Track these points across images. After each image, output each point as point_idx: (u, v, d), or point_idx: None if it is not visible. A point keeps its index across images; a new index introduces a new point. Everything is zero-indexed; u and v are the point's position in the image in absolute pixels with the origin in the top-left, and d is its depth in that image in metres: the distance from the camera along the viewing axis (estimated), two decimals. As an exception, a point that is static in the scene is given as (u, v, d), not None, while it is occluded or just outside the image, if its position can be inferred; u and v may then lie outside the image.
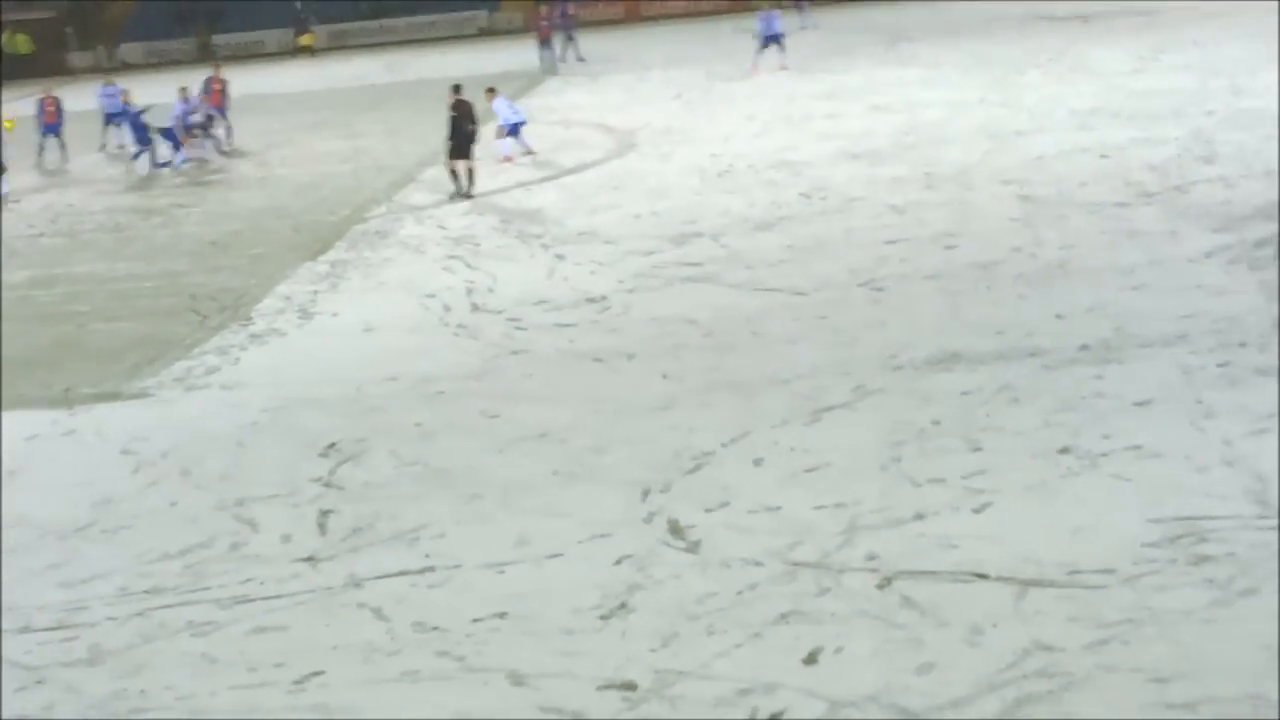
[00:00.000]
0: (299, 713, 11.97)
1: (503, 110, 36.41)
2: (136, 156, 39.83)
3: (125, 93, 40.98)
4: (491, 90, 36.50)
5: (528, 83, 50.35)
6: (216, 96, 42.35)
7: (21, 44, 68.89)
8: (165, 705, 12.24)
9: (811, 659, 12.03)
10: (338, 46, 67.94)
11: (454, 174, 32.32)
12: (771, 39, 48.80)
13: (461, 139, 32.35)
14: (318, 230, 30.44)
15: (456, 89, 34.05)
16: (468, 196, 31.99)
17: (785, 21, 51.17)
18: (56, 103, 41.44)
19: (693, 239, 26.56)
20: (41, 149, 41.94)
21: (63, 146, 41.43)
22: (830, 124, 36.94)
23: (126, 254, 29.90)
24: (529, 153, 36.22)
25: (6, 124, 38.21)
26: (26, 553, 15.65)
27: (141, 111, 39.69)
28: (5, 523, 16.42)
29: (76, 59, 67.24)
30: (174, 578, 14.67)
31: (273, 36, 68.52)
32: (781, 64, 48.38)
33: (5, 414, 20.10)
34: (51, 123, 40.97)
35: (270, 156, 40.46)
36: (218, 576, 14.60)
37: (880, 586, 13.06)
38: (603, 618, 13.14)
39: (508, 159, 35.62)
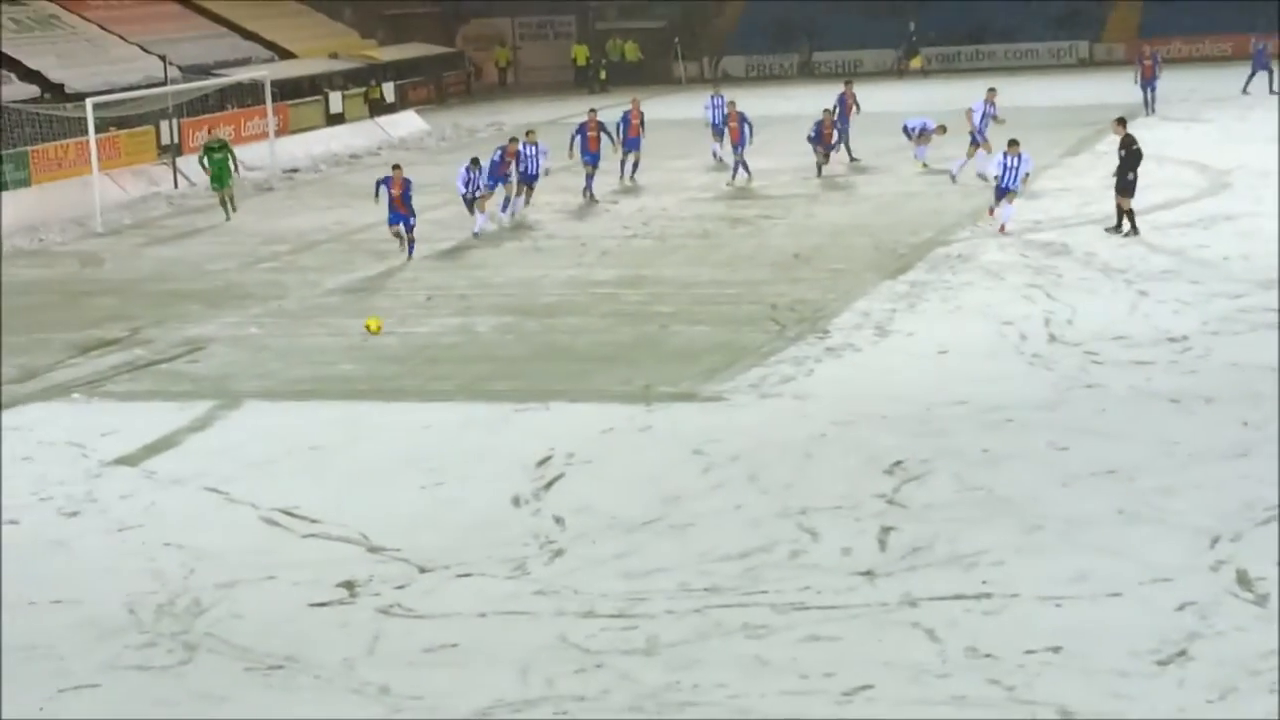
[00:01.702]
0: (844, 723, 12.10)
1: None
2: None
3: (731, 104, 41.53)
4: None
5: (1127, 114, 49.21)
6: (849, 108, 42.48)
7: (629, 51, 71.65)
8: (715, 702, 12.55)
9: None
10: (940, 70, 68.05)
11: (1120, 210, 30.92)
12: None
13: (1130, 175, 30.85)
14: (898, 250, 30.60)
15: (1121, 122, 32.44)
16: (1130, 233, 30.41)
17: None
18: (640, 115, 42.02)
19: (1285, 284, 25.60)
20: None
21: (635, 163, 41.83)
22: None
23: (711, 260, 30.71)
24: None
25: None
26: (594, 541, 16.28)
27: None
28: (575, 509, 17.10)
29: (681, 69, 69.35)
30: (733, 579, 15.01)
31: (870, 56, 69.10)
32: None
33: (584, 405, 20.93)
34: (634, 136, 41.20)
35: (858, 174, 40.83)
36: (775, 582, 14.87)
37: None
38: (1160, 663, 12.81)
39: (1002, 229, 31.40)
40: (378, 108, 59.06)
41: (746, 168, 40.07)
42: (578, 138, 39.19)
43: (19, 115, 42.63)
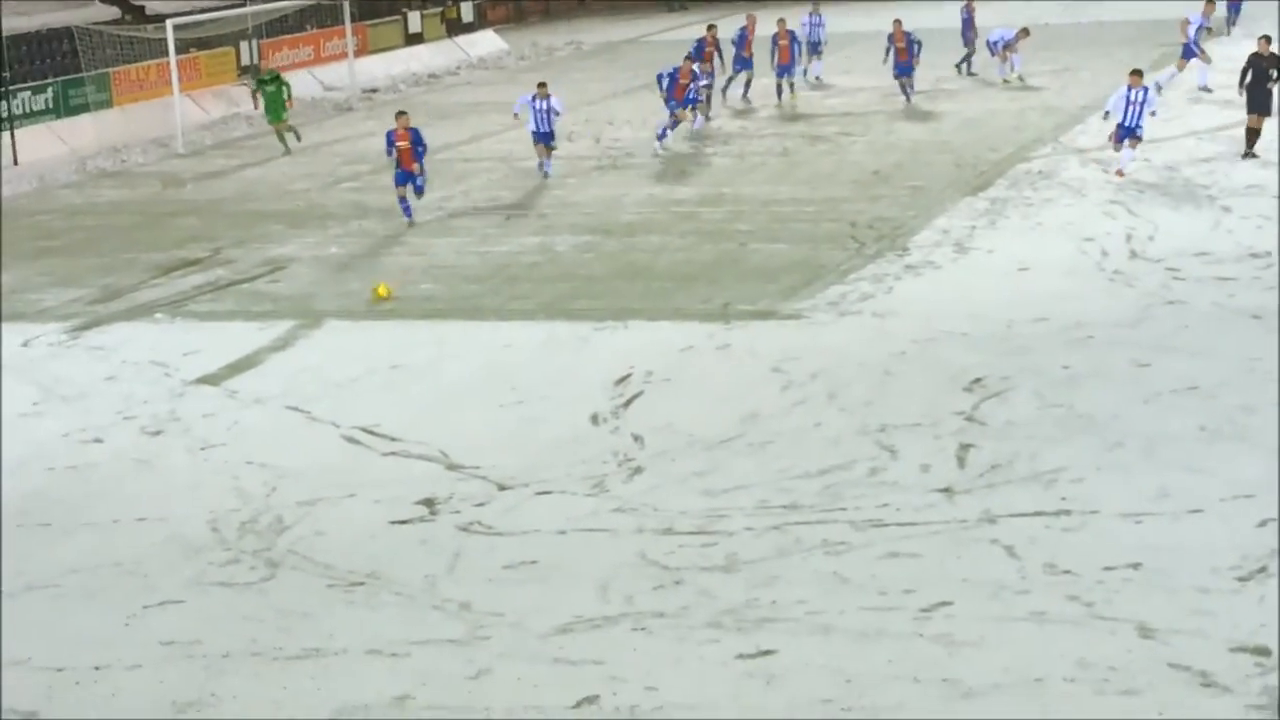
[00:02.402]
0: (924, 640, 12.10)
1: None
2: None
3: (780, 21, 40.70)
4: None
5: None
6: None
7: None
8: (794, 618, 12.59)
9: None
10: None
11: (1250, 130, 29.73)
12: None
13: (1261, 93, 29.63)
14: (979, 166, 30.39)
15: (1267, 39, 30.81)
16: (1250, 155, 29.36)
17: None
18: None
19: (1373, 200, 25.30)
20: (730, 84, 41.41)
21: (748, 82, 41.27)
22: None
23: (791, 178, 30.59)
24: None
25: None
26: (673, 459, 16.31)
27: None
28: (654, 427, 17.14)
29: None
30: (812, 496, 15.03)
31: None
32: None
33: (663, 324, 20.93)
34: (748, 56, 40.45)
35: (939, 91, 40.47)
36: (854, 499, 14.89)
37: None
38: (1240, 579, 12.76)
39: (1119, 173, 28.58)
40: (456, 27, 58.92)
41: (780, 91, 40.04)
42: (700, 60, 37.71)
43: (100, 37, 42.72)
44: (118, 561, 14.44)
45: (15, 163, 36.88)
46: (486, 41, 57.21)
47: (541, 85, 31.86)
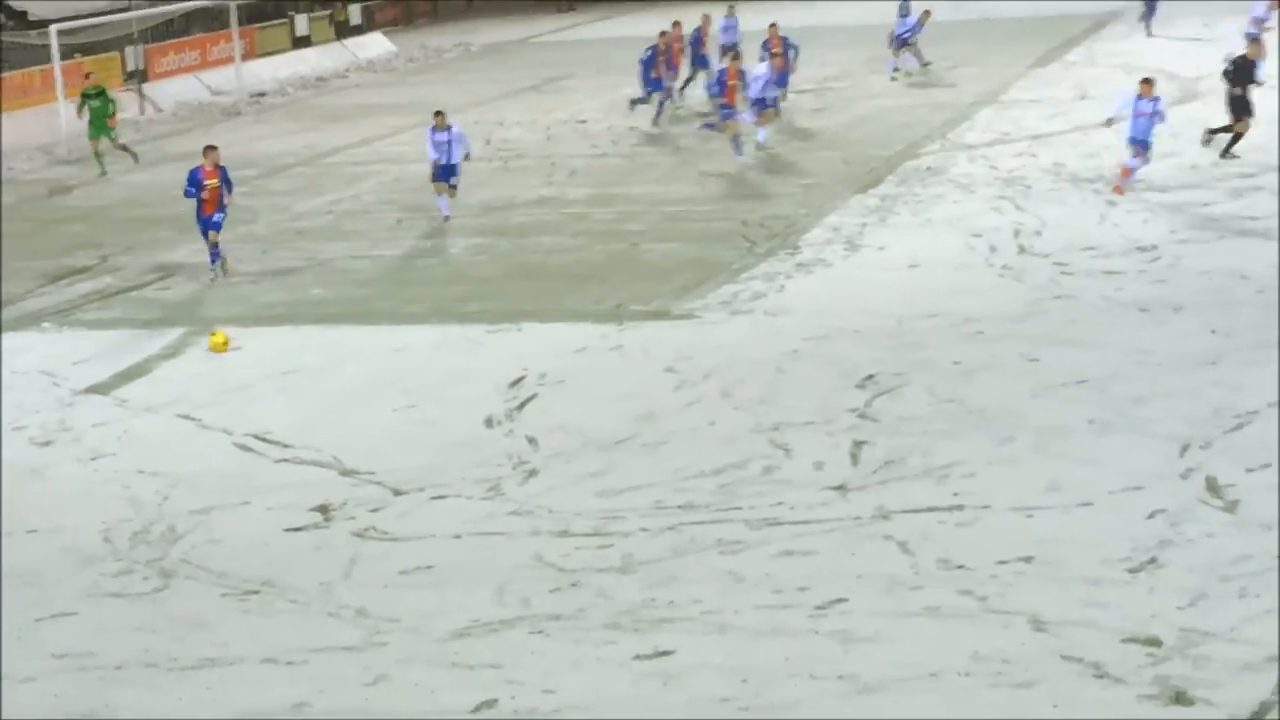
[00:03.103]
0: (820, 637, 12.17)
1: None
2: None
3: (772, 26, 39.55)
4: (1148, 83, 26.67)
5: (1093, 25, 49.22)
6: None
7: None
8: (691, 618, 12.61)
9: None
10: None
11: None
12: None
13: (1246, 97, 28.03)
14: (869, 164, 30.57)
15: (1255, 40, 29.90)
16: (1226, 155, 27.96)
17: None
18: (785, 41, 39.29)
19: (1251, 193, 25.62)
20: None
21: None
22: None
23: (682, 177, 30.63)
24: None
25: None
26: (568, 461, 16.31)
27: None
28: (549, 429, 17.13)
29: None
30: (707, 495, 15.07)
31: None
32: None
33: (557, 325, 20.92)
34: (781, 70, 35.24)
35: (829, 89, 40.68)
36: (750, 498, 14.94)
37: None
38: (1131, 571, 12.91)
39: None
40: (344, 29, 58.61)
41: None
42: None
43: (-16, 43, 42.26)
44: (9, 573, 14.25)
45: (-103, 171, 36.37)
46: (375, 44, 56.95)
47: (438, 114, 27.97)
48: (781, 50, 35.57)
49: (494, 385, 18.63)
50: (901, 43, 41.27)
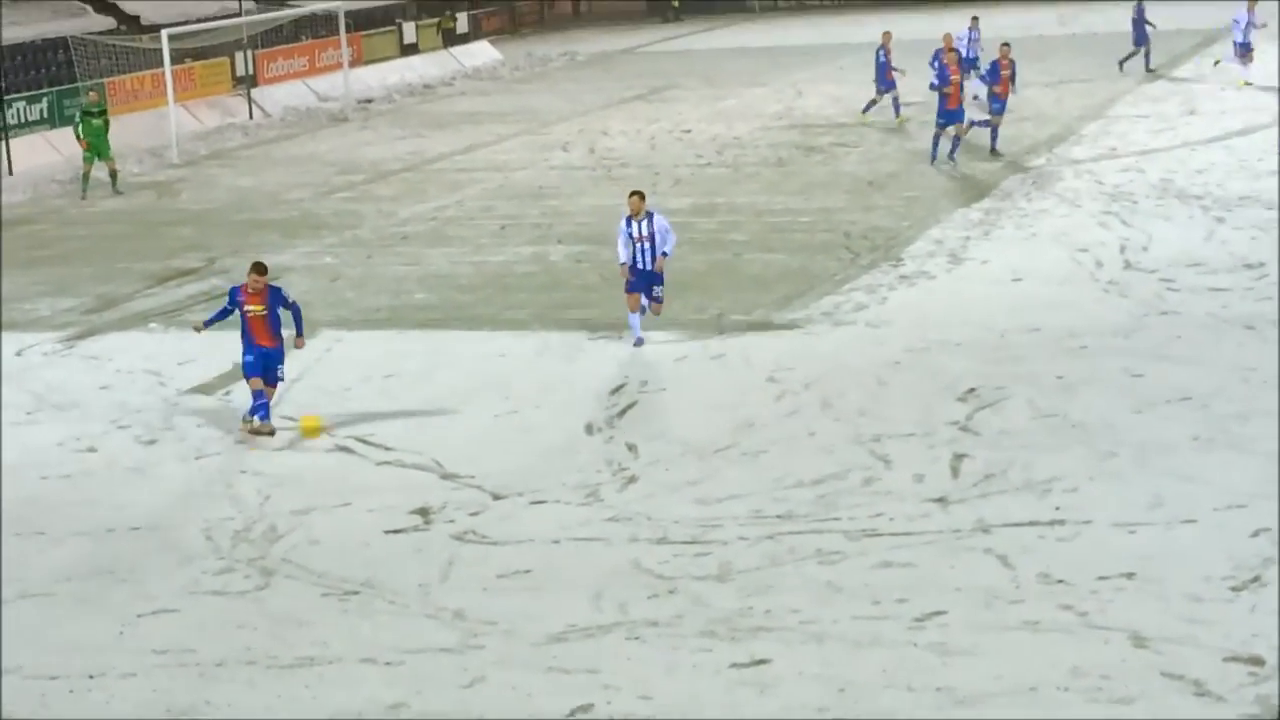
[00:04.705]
0: (917, 648, 12.10)
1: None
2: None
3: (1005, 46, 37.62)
4: None
5: (1203, 40, 48.70)
6: None
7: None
8: (788, 627, 12.57)
9: None
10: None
11: None
12: None
13: None
14: (974, 177, 30.40)
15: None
16: None
17: None
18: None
19: (1365, 211, 25.35)
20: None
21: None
22: None
23: (786, 188, 30.61)
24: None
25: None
26: (667, 468, 16.31)
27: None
28: (648, 436, 17.14)
29: (753, -2, 69.10)
30: (806, 505, 15.03)
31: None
32: None
33: (658, 333, 20.89)
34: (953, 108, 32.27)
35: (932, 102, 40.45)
36: (848, 508, 14.88)
37: None
38: (1234, 589, 12.76)
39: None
40: (451, 38, 59.04)
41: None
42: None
43: (96, 47, 42.81)
44: (111, 569, 14.43)
45: (10, 172, 36.95)
46: (481, 52, 57.32)
47: (636, 195, 21.09)
48: (1010, 72, 33.25)
49: (594, 392, 18.68)
50: (972, 64, 39.94)
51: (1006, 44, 34.15)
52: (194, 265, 26.66)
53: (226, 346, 20.90)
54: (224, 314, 18.39)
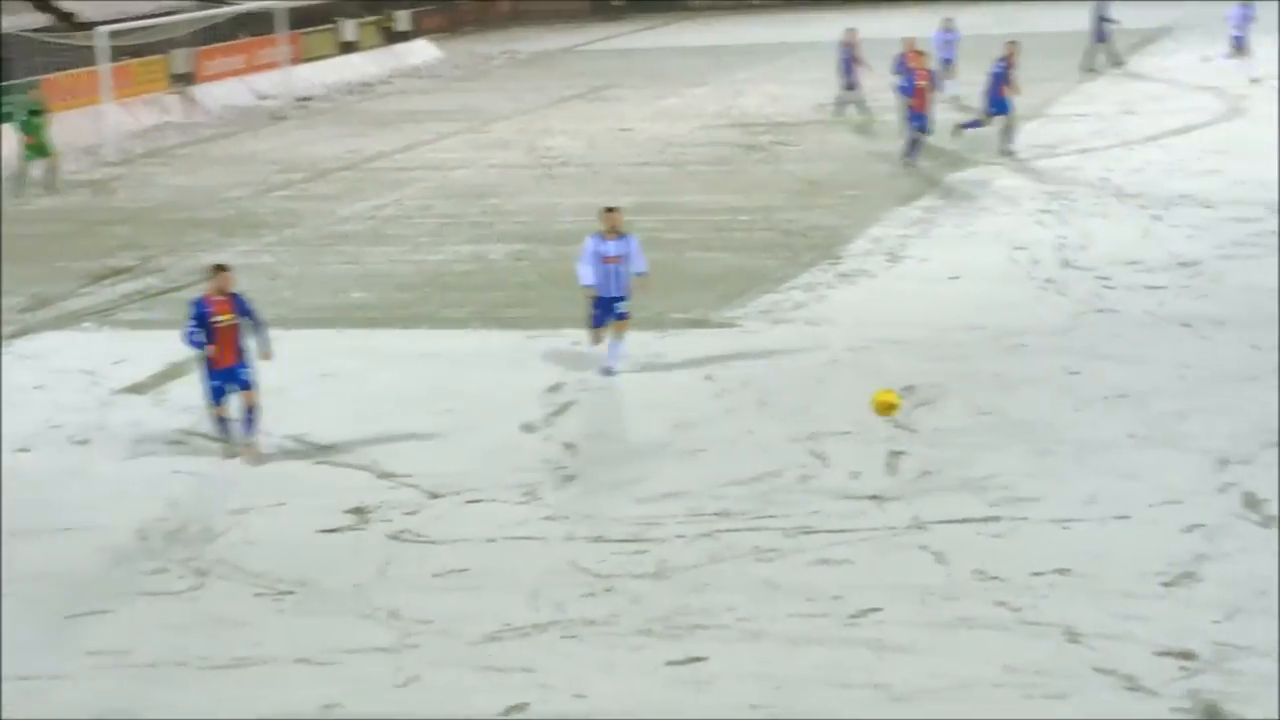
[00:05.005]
0: (853, 646, 12.12)
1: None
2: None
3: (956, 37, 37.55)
4: None
5: (1141, 40, 48.98)
6: None
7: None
8: (725, 625, 12.57)
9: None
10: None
11: None
12: None
13: None
14: (914, 176, 30.48)
15: None
16: None
17: None
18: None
19: (1298, 208, 25.54)
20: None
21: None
22: None
23: (726, 187, 30.62)
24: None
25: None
26: (605, 467, 16.31)
27: None
28: (586, 435, 17.11)
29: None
30: (744, 503, 15.03)
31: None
32: None
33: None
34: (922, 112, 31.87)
35: (876, 99, 40.58)
36: (785, 506, 14.90)
37: None
38: (1166, 584, 12.84)
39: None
40: (391, 36, 58.85)
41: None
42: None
43: (31, 44, 42.46)
44: (45, 571, 14.31)
45: (-56, 170, 36.56)
46: (421, 50, 57.16)
47: (614, 211, 19.59)
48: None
49: (532, 391, 18.63)
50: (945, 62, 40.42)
51: (1014, 41, 33.73)
52: (129, 264, 26.47)
53: (163, 345, 20.77)
54: (201, 330, 16.75)
